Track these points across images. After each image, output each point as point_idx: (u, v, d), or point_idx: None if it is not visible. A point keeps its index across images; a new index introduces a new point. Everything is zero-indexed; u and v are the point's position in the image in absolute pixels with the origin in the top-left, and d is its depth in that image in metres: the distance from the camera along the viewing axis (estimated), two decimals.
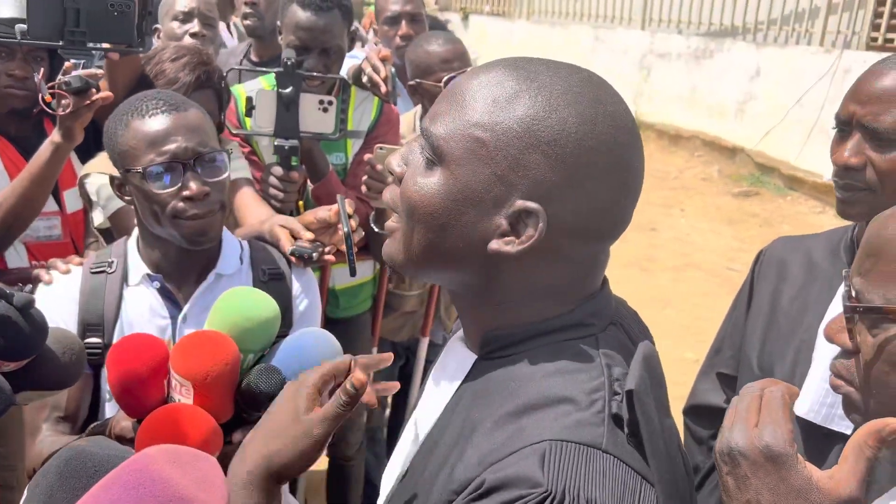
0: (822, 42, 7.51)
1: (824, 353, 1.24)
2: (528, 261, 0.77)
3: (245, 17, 3.03)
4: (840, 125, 1.28)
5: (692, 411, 1.60)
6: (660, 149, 8.81)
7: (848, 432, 1.22)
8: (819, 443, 1.23)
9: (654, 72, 9.30)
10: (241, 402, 1.17)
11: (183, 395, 1.13)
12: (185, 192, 1.36)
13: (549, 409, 0.73)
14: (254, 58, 3.05)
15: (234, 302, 1.23)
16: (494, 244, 0.77)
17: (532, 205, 0.75)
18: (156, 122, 1.37)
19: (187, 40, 2.61)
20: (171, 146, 1.36)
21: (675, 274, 5.69)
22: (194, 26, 2.69)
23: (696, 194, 7.54)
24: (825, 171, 7.03)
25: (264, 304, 1.23)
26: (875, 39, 7.17)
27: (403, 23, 2.84)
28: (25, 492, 0.66)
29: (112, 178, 1.46)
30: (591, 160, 0.75)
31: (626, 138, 0.78)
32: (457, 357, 0.88)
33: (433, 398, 0.89)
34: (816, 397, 1.24)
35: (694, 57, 8.78)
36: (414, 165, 0.81)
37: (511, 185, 0.75)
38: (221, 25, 3.55)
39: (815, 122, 7.24)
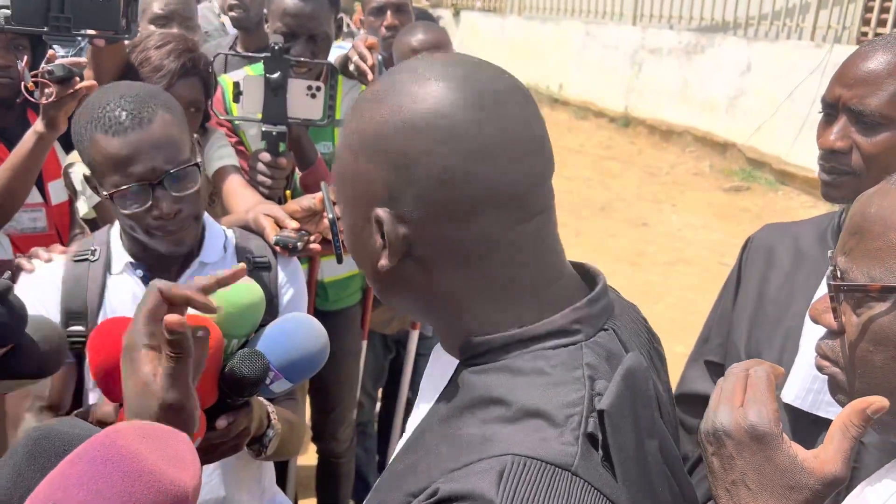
0: (812, 37, 7.53)
1: (811, 340, 1.23)
2: (430, 262, 0.75)
3: (230, 8, 3.02)
4: (826, 109, 1.28)
5: (680, 400, 1.59)
6: (651, 144, 8.83)
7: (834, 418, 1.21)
8: (806, 429, 1.23)
9: (646, 67, 9.31)
10: (224, 388, 1.16)
11: None
12: (155, 212, 1.34)
13: (519, 423, 0.68)
14: (240, 49, 3.03)
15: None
16: (382, 262, 0.76)
17: (376, 211, 0.74)
18: (119, 143, 1.30)
19: None
20: (138, 168, 1.31)
21: (666, 269, 5.70)
22: (174, 30, 2.67)
23: (688, 189, 7.55)
24: (816, 166, 7.04)
25: (248, 290, 1.22)
26: (865, 34, 7.19)
27: (389, 13, 2.83)
28: None
29: (87, 176, 1.43)
30: (407, 147, 0.72)
31: (427, 100, 0.73)
32: (440, 362, 0.86)
33: (421, 404, 0.87)
34: (803, 384, 1.24)
35: (685, 52, 8.79)
36: None
37: (363, 200, 0.76)
38: (224, 19, 3.53)
39: (806, 117, 7.25)
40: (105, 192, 1.34)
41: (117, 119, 1.31)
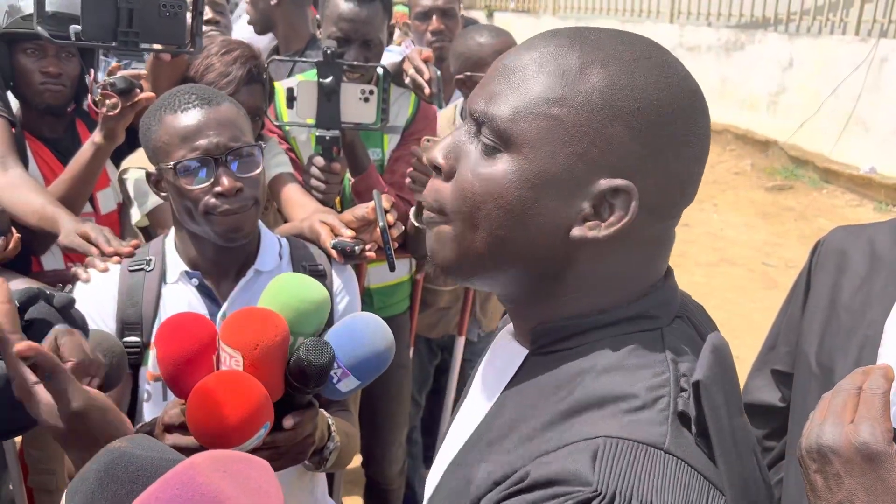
0: (857, 31, 7.35)
1: (891, 350, 1.18)
2: (608, 246, 0.71)
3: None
4: None
5: (744, 409, 1.54)
6: None
7: None
8: None
9: (685, 65, 9.15)
10: (290, 379, 1.15)
11: (232, 367, 1.12)
12: (217, 188, 1.35)
13: (606, 407, 0.67)
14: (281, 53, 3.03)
15: (286, 284, 1.22)
16: (578, 231, 0.70)
17: (620, 182, 0.68)
18: (187, 117, 1.35)
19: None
20: (203, 141, 1.34)
21: (709, 269, 5.61)
22: (206, 14, 2.68)
23: (729, 189, 7.42)
24: (862, 163, 6.89)
25: (315, 288, 1.22)
26: None
27: (434, 18, 2.80)
28: (63, 498, 0.63)
29: (148, 174, 1.45)
30: (672, 129, 0.69)
31: (699, 104, 0.73)
32: (506, 352, 0.82)
33: (481, 394, 0.83)
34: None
35: (724, 49, 8.65)
36: (468, 156, 0.74)
37: (593, 164, 0.69)
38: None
39: (850, 113, 7.09)
40: (169, 165, 1.35)
41: (187, 100, 1.36)
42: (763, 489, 0.72)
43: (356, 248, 1.52)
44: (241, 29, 3.24)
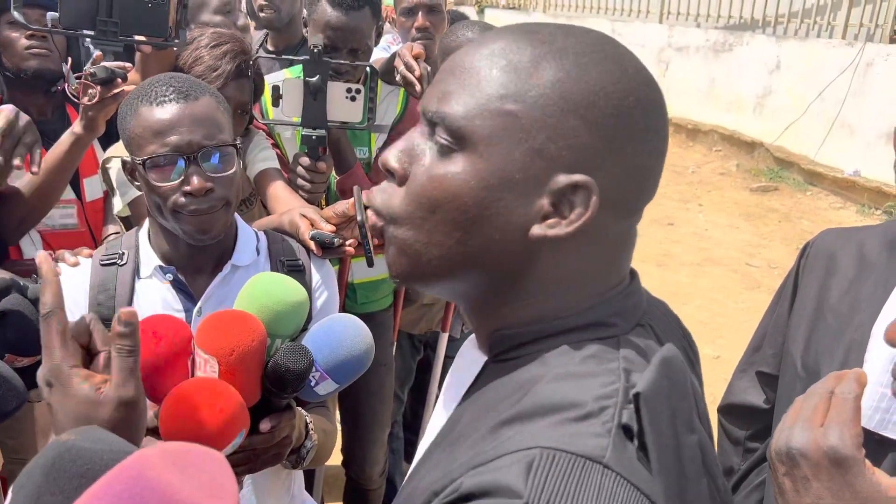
0: (844, 35, 7.39)
1: (878, 355, 1.17)
2: (569, 245, 0.69)
3: (261, 9, 2.98)
4: None
5: (728, 410, 1.54)
6: (677, 143, 8.72)
7: None
8: (871, 449, 1.16)
9: (673, 66, 9.20)
10: (267, 384, 1.13)
11: (207, 372, 1.09)
12: (186, 187, 1.30)
13: (550, 416, 0.64)
14: (269, 47, 3.00)
15: (263, 285, 1.19)
16: (538, 229, 0.68)
17: (580, 177, 0.66)
18: (162, 111, 1.31)
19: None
20: (174, 137, 1.29)
21: (693, 269, 5.63)
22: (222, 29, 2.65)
23: (714, 189, 7.45)
24: (846, 166, 6.94)
25: (294, 289, 1.19)
26: None
27: (420, 14, 2.77)
28: (10, 492, 0.60)
29: (124, 163, 1.41)
30: (629, 122, 0.67)
31: (655, 96, 0.70)
32: (467, 360, 0.80)
33: (443, 405, 0.82)
34: (870, 402, 1.18)
35: (713, 50, 8.67)
36: (422, 158, 0.71)
37: (551, 160, 0.67)
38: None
39: (836, 117, 7.13)
40: (139, 159, 1.31)
41: (164, 93, 1.32)
42: None
43: (335, 240, 1.50)
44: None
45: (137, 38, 1.73)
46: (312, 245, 1.50)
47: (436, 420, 0.82)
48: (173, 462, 0.52)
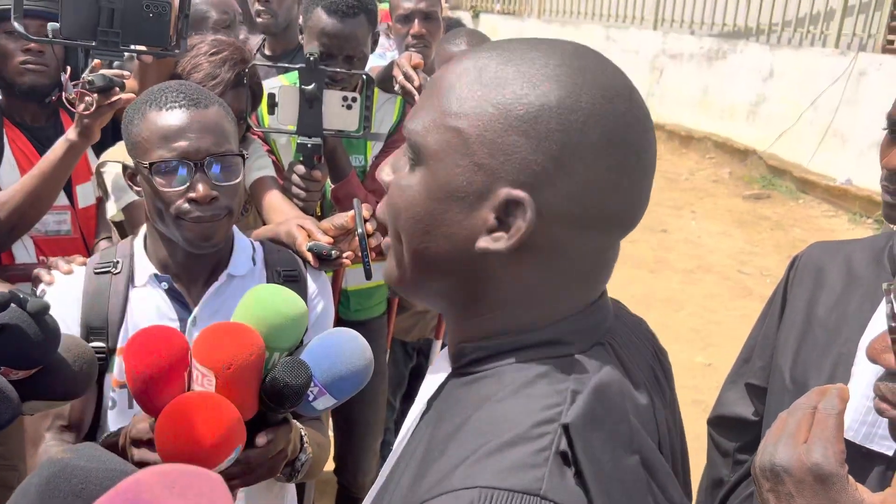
0: (836, 44, 7.44)
1: (865, 368, 1.18)
2: (521, 259, 0.70)
3: (258, 14, 2.99)
4: (892, 126, 1.22)
5: (717, 422, 1.55)
6: (670, 150, 8.75)
7: (890, 453, 1.16)
8: (857, 463, 1.18)
9: (667, 72, 9.23)
10: (265, 399, 1.12)
11: (204, 386, 1.08)
12: (192, 194, 1.30)
13: (491, 443, 0.64)
14: (267, 52, 3.01)
15: (263, 297, 1.18)
16: (482, 242, 0.69)
17: (517, 193, 0.66)
18: (171, 117, 1.30)
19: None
20: (183, 143, 1.29)
21: (685, 276, 5.64)
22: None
23: (707, 196, 7.48)
24: (838, 175, 6.98)
25: (293, 302, 1.19)
26: (891, 42, 7.10)
27: (416, 21, 2.78)
28: None
29: (125, 167, 1.40)
30: (578, 137, 0.66)
31: (620, 108, 0.68)
32: (434, 370, 0.81)
33: (411, 415, 0.82)
34: (856, 415, 1.19)
35: (706, 58, 8.71)
36: (400, 171, 0.75)
37: (493, 174, 0.67)
38: None
39: (828, 125, 7.17)
40: (146, 163, 1.31)
41: (174, 99, 1.32)
42: None
43: (332, 252, 1.50)
44: None
45: (138, 48, 1.73)
46: (310, 256, 1.50)
47: (404, 429, 0.82)
48: (170, 485, 0.52)
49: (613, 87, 0.69)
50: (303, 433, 1.32)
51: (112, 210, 1.90)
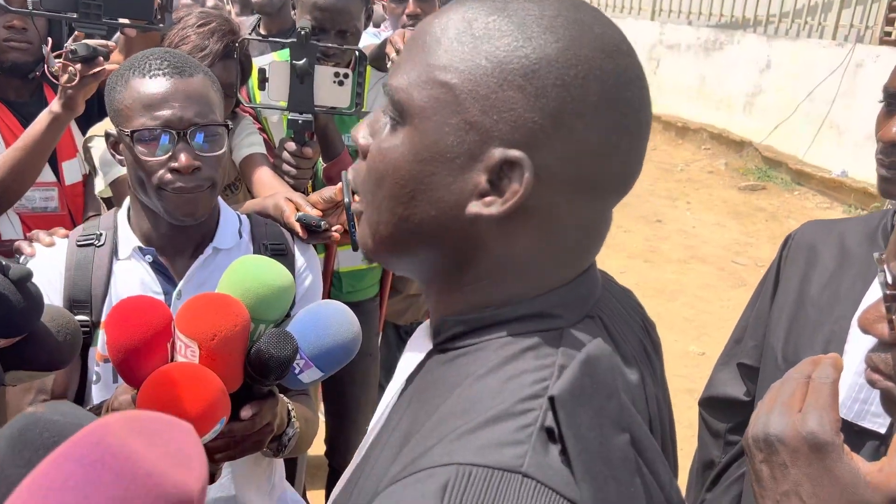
0: (834, 36, 7.42)
1: (857, 346, 1.17)
2: (513, 225, 0.65)
3: None
4: (888, 98, 1.20)
5: (708, 403, 1.54)
6: (666, 141, 8.74)
7: (882, 430, 1.16)
8: (850, 440, 1.16)
9: (663, 63, 9.21)
10: (250, 370, 1.10)
11: (188, 357, 1.06)
12: (174, 164, 1.27)
13: (471, 417, 0.61)
14: (262, 31, 2.99)
15: (248, 268, 1.16)
16: (473, 207, 0.64)
17: (514, 153, 0.62)
18: (155, 84, 1.27)
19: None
20: (166, 112, 1.26)
21: (679, 266, 5.64)
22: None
23: (703, 187, 7.47)
24: (834, 167, 6.97)
25: (279, 273, 1.16)
26: (889, 34, 7.08)
27: (411, 1, 2.76)
28: None
29: (107, 134, 1.38)
30: (577, 93, 0.62)
31: (621, 64, 0.64)
32: (414, 348, 0.77)
33: (388, 395, 0.78)
34: (849, 392, 1.18)
35: (703, 49, 8.69)
36: (380, 133, 0.70)
37: (486, 133, 0.63)
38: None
39: (825, 117, 7.16)
40: (127, 131, 1.28)
41: (158, 66, 1.29)
42: None
43: (322, 224, 1.48)
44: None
45: (122, 20, 1.71)
46: (298, 227, 1.48)
47: (381, 406, 0.78)
48: (138, 430, 0.50)
49: (613, 41, 0.65)
50: (290, 408, 1.31)
51: (100, 185, 1.87)
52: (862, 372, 1.14)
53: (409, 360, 0.76)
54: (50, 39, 1.82)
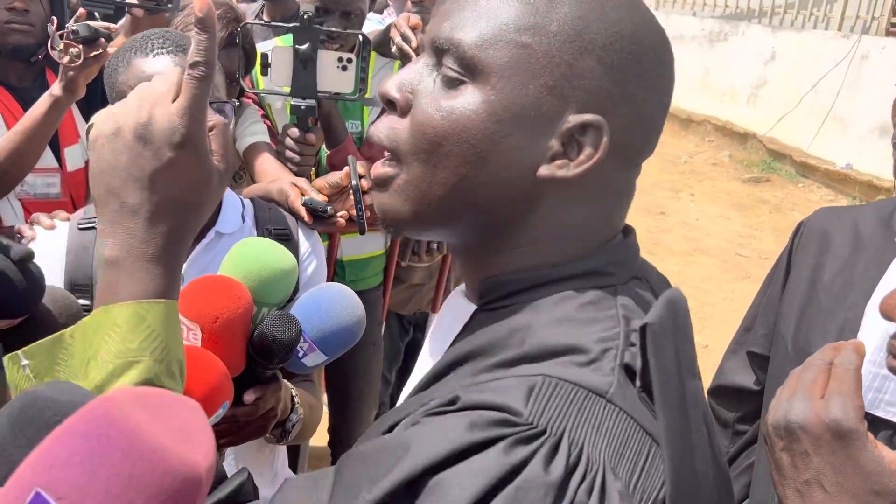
0: (840, 27, 7.38)
1: (871, 334, 1.16)
2: (574, 190, 0.67)
3: None
4: None
5: (717, 392, 1.52)
6: (670, 132, 8.71)
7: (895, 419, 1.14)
8: None
9: None
10: (253, 355, 1.09)
11: (190, 340, 1.05)
12: None
13: (550, 359, 0.62)
14: (266, 17, 2.97)
15: (251, 250, 1.14)
16: (545, 169, 0.65)
17: (594, 118, 0.64)
18: (159, 63, 1.25)
19: None
20: None
21: (683, 258, 5.62)
22: None
23: (706, 179, 7.45)
24: (839, 159, 6.94)
25: (282, 256, 1.15)
26: (895, 25, 7.04)
27: None
28: None
29: None
30: (642, 68, 0.66)
31: (666, 45, 0.69)
32: (454, 309, 0.76)
33: (429, 355, 0.78)
34: (863, 381, 1.16)
35: (708, 40, 8.65)
36: (428, 89, 0.67)
37: (564, 98, 0.64)
38: None
39: (830, 109, 7.13)
40: None
41: (160, 45, 1.26)
42: (712, 469, 0.64)
43: (327, 209, 1.46)
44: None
45: (130, 1, 1.69)
46: (303, 212, 1.46)
47: (421, 367, 0.78)
48: (143, 405, 0.49)
49: (658, 22, 0.69)
50: (294, 393, 1.30)
51: None
52: (875, 360, 1.13)
53: (451, 318, 0.75)
54: (54, 19, 1.79)
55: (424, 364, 0.78)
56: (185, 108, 0.67)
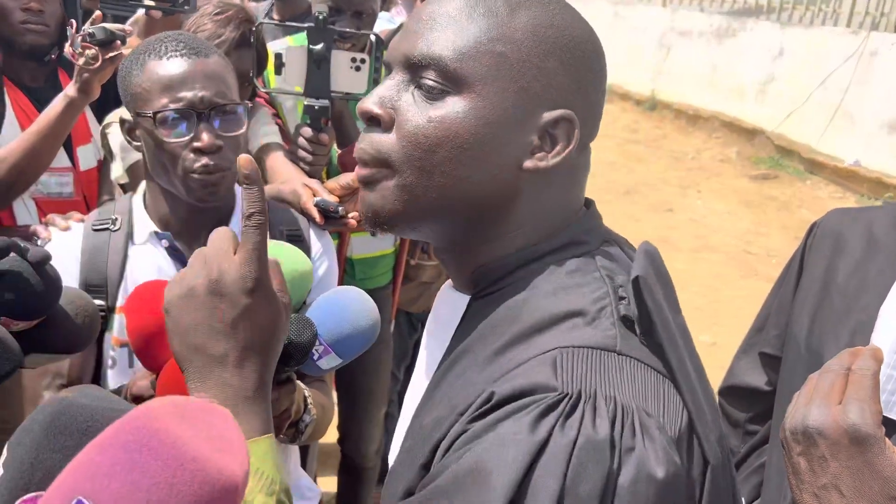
0: (849, 23, 7.35)
1: (885, 336, 1.15)
2: (550, 176, 0.76)
3: None
4: None
5: (728, 392, 1.52)
6: (677, 129, 8.69)
7: None
8: None
9: (675, 50, 9.15)
10: None
11: None
12: (196, 144, 1.28)
13: (555, 326, 0.70)
14: (276, 17, 2.97)
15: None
16: (529, 163, 0.74)
17: (563, 112, 0.73)
18: (173, 66, 1.28)
19: None
20: (187, 93, 1.27)
21: (690, 255, 5.61)
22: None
23: (714, 176, 7.43)
24: (847, 156, 6.92)
25: (298, 258, 1.16)
26: None
27: None
28: (5, 451, 0.58)
29: (122, 120, 1.37)
30: (591, 64, 0.76)
31: (599, 41, 0.79)
32: (448, 303, 0.82)
33: (432, 349, 0.83)
34: None
35: (716, 35, 8.62)
36: (409, 103, 0.74)
37: (537, 97, 0.73)
38: None
39: (838, 106, 7.10)
40: (148, 113, 1.28)
41: (174, 48, 1.29)
42: (709, 388, 0.73)
43: (339, 209, 1.47)
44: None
45: (147, 3, 1.70)
46: (315, 212, 1.47)
47: (424, 364, 0.83)
48: (181, 415, 0.50)
49: (589, 24, 0.79)
50: (307, 393, 1.30)
51: (118, 170, 1.88)
52: (889, 363, 1.13)
53: (447, 312, 0.81)
54: (73, 21, 1.80)
55: (426, 361, 0.83)
56: (249, 257, 0.75)
